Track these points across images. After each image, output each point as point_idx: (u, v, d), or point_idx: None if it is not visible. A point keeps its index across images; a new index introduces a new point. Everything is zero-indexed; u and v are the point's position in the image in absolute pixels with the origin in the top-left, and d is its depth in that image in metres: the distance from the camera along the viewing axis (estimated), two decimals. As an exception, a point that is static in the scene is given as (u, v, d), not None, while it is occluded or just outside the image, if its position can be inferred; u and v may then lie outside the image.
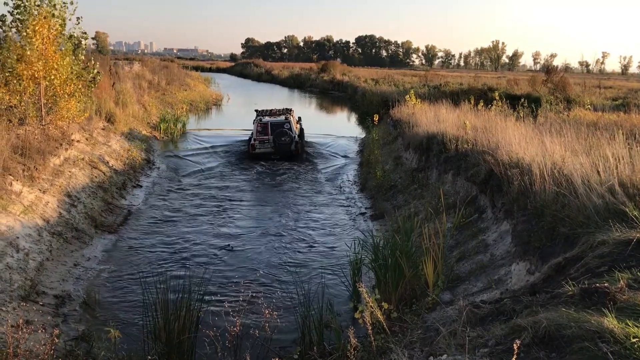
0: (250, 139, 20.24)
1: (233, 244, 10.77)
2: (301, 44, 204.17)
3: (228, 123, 28.96)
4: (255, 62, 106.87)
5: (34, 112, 13.52)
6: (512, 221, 7.44)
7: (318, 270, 9.38)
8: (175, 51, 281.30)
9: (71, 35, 14.70)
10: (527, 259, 6.36)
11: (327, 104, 47.51)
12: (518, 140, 9.40)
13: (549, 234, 6.21)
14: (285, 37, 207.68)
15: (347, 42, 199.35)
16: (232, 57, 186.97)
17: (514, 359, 2.94)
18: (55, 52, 13.85)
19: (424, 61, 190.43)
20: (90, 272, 9.09)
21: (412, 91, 23.90)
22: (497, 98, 18.98)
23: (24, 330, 5.23)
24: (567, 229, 5.87)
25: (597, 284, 3.98)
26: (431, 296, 6.30)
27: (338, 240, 11.19)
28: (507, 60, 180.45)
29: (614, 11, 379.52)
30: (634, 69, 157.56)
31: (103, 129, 17.45)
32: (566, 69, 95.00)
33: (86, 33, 15.51)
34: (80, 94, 15.04)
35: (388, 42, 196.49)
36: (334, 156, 21.20)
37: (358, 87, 47.54)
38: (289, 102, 43.29)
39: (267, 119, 19.79)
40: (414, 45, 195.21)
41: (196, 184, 15.88)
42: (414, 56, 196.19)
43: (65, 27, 14.32)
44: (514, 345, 3.09)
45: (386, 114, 23.56)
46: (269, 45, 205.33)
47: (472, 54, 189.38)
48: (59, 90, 14.21)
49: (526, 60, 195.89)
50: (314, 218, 12.79)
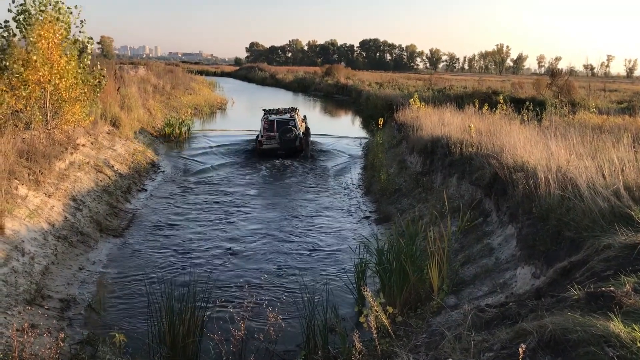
0: (257, 136, 21.33)
1: (233, 248, 10.78)
2: (305, 48, 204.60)
3: (233, 126, 29.42)
4: (259, 66, 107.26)
5: (40, 117, 13.59)
6: (517, 225, 7.41)
7: (322, 274, 9.37)
8: (180, 55, 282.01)
9: (76, 40, 14.77)
10: (532, 262, 6.33)
11: (331, 108, 47.55)
12: (523, 144, 9.38)
13: (554, 238, 6.18)
14: (290, 41, 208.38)
15: (351, 46, 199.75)
16: (237, 61, 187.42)
17: (519, 363, 2.93)
18: (60, 56, 13.92)
19: (428, 65, 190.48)
20: (95, 276, 9.11)
21: (416, 95, 23.93)
22: (501, 101, 18.96)
23: (30, 334, 5.25)
24: (572, 232, 5.85)
25: (603, 288, 3.96)
26: (436, 300, 6.28)
27: (342, 244, 11.18)
28: (511, 64, 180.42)
29: (618, 14, 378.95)
30: (639, 72, 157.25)
31: (108, 133, 17.51)
32: (571, 72, 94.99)
33: (92, 38, 15.60)
34: (85, 98, 15.10)
35: (392, 46, 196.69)
36: (338, 156, 21.67)
37: (362, 90, 47.59)
38: (293, 106, 43.31)
39: (273, 116, 21.02)
40: (418, 49, 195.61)
41: (201, 187, 15.91)
42: (418, 60, 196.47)
43: (70, 31, 14.40)
44: (520, 349, 3.08)
45: (390, 117, 23.59)
46: (273, 49, 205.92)
47: (476, 58, 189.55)
48: (64, 95, 14.27)
49: (531, 64, 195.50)
50: (318, 221, 12.78)
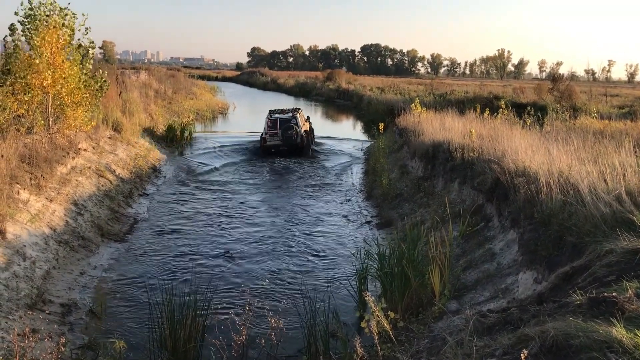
0: (262, 134, 22.55)
1: (235, 253, 10.78)
2: (307, 52, 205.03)
3: (234, 130, 30.07)
4: (261, 71, 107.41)
5: (42, 121, 13.62)
6: (519, 230, 7.41)
7: (324, 279, 9.36)
8: (181, 60, 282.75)
9: (80, 45, 14.83)
10: (534, 268, 6.32)
11: (332, 113, 47.59)
12: (524, 149, 9.37)
13: (556, 243, 6.17)
14: (291, 46, 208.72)
15: (353, 51, 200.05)
16: (238, 66, 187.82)
17: (521, 369, 2.92)
18: (63, 61, 13.98)
19: (429, 69, 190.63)
20: (96, 281, 9.11)
21: (417, 100, 23.99)
22: (503, 106, 18.95)
23: (31, 338, 5.25)
24: (574, 237, 5.84)
25: (605, 294, 3.95)
26: (438, 305, 6.27)
27: (344, 248, 11.17)
28: (512, 69, 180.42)
29: (620, 19, 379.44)
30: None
31: (110, 137, 17.54)
32: (572, 77, 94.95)
33: (94, 42, 15.66)
34: (87, 102, 15.14)
35: (393, 51, 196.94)
36: (339, 160, 22.15)
37: (364, 95, 47.65)
38: (294, 111, 43.46)
39: (277, 115, 22.43)
40: (419, 54, 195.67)
41: (203, 192, 15.92)
42: (420, 65, 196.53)
43: (73, 37, 14.46)
44: (522, 355, 3.07)
45: (392, 122, 23.64)
46: (274, 54, 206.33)
47: (477, 63, 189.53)
48: (66, 100, 14.31)
49: (532, 69, 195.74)
50: (319, 226, 12.78)
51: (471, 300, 6.80)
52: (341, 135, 29.03)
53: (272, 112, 23.05)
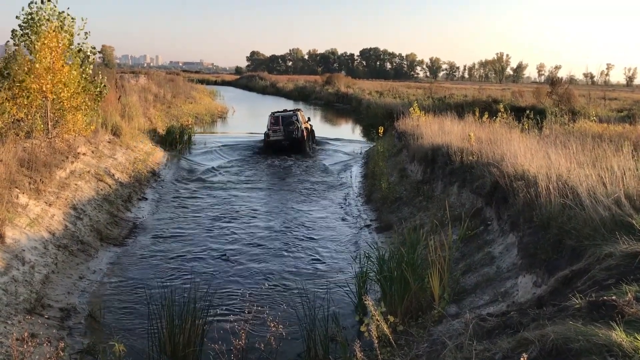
0: (265, 132, 24.38)
1: (234, 256, 10.76)
2: (306, 56, 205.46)
3: (234, 133, 31.02)
4: (260, 75, 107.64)
5: (41, 125, 13.63)
6: (518, 233, 7.41)
7: (323, 283, 9.34)
8: (180, 64, 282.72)
9: (79, 49, 14.85)
10: (534, 271, 6.32)
11: (331, 116, 47.64)
12: (523, 152, 9.39)
13: (555, 246, 6.17)
14: (290, 50, 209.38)
15: (352, 55, 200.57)
16: (238, 70, 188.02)
17: (521, 373, 2.91)
18: (63, 65, 13.99)
19: (428, 73, 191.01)
20: (95, 285, 9.09)
21: (416, 104, 24.08)
22: (501, 110, 19.00)
23: (29, 343, 5.23)
24: (573, 241, 5.84)
25: (605, 297, 3.95)
26: (437, 309, 6.26)
27: (343, 252, 11.16)
28: (511, 72, 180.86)
29: (618, 22, 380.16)
30: (639, 80, 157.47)
31: (109, 141, 17.54)
32: (571, 80, 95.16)
33: (95, 47, 15.68)
34: (86, 107, 15.15)
35: (392, 55, 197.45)
36: (339, 163, 22.45)
37: (363, 99, 47.77)
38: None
39: (279, 113, 24.63)
40: (418, 58, 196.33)
41: (202, 196, 15.91)
42: (419, 68, 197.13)
43: (73, 41, 14.49)
44: (522, 358, 3.07)
45: (391, 126, 23.68)
46: (274, 58, 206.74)
47: (476, 66, 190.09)
48: (65, 104, 14.32)
49: (530, 72, 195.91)
50: (318, 230, 12.77)
51: (471, 304, 6.80)
52: (340, 138, 29.76)
53: (274, 112, 24.94)
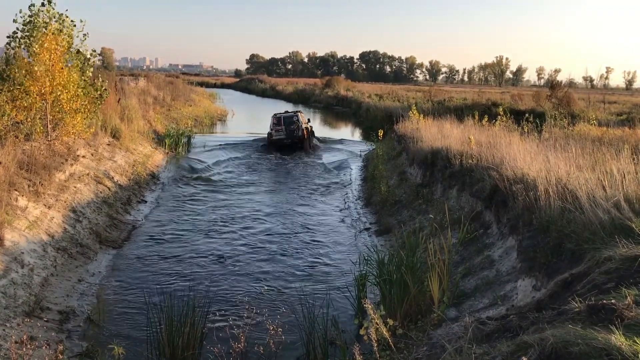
0: (268, 132, 26.13)
1: (233, 259, 10.75)
2: (305, 59, 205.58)
3: (233, 135, 31.90)
4: (259, 77, 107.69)
5: (40, 128, 13.62)
6: (518, 237, 7.40)
7: (322, 286, 9.34)
8: (180, 67, 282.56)
9: (78, 51, 14.84)
10: (533, 275, 6.32)
11: (331, 119, 47.66)
12: (523, 156, 9.39)
13: (554, 250, 6.17)
14: (290, 53, 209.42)
15: (351, 58, 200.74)
16: (237, 72, 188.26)
17: (521, 376, 2.91)
18: (62, 68, 13.99)
19: (427, 77, 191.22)
20: (94, 288, 9.08)
21: (415, 107, 24.10)
22: (501, 113, 19.02)
23: (28, 346, 5.23)
24: (573, 244, 5.84)
25: (604, 301, 3.95)
26: (437, 312, 6.26)
27: (343, 255, 11.16)
28: (511, 76, 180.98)
29: (618, 26, 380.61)
30: (638, 84, 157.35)
31: (108, 144, 17.53)
32: (570, 84, 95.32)
33: (95, 50, 15.69)
34: (86, 109, 15.14)
35: (392, 58, 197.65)
36: (340, 167, 22.38)
37: (362, 102, 47.79)
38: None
39: (281, 114, 26.34)
40: (417, 61, 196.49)
41: (201, 198, 15.91)
42: (418, 72, 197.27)
43: (72, 43, 14.48)
44: (521, 362, 3.06)
45: (390, 129, 23.70)
46: (273, 61, 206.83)
47: (476, 70, 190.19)
48: (65, 107, 14.31)
49: (530, 76, 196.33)
50: (318, 233, 12.77)
51: (470, 307, 6.79)
52: (344, 139, 30.79)
53: (276, 114, 26.66)
